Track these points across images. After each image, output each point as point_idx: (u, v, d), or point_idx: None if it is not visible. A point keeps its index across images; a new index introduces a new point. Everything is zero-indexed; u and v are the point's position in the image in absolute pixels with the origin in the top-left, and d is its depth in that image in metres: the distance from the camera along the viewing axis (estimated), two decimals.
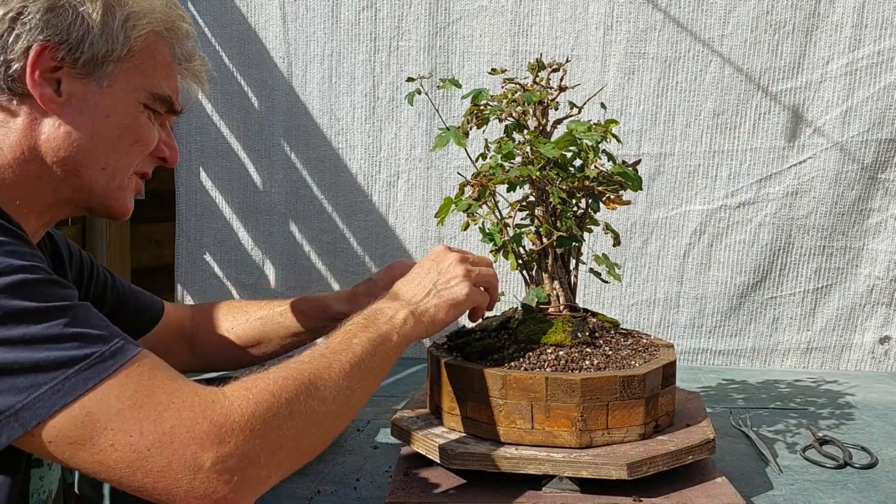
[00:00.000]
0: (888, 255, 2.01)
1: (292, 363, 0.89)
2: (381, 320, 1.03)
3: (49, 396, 0.72)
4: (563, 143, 1.17)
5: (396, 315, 1.05)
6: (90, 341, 0.75)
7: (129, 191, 1.01)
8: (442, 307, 1.10)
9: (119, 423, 0.73)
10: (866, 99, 1.97)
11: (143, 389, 0.76)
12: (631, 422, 1.10)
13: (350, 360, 0.94)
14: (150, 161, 1.04)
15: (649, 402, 1.12)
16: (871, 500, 1.14)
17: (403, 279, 1.16)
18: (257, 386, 0.83)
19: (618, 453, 1.06)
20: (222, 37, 2.17)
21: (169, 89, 1.01)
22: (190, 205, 2.21)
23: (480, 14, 2.09)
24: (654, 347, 1.23)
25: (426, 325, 1.08)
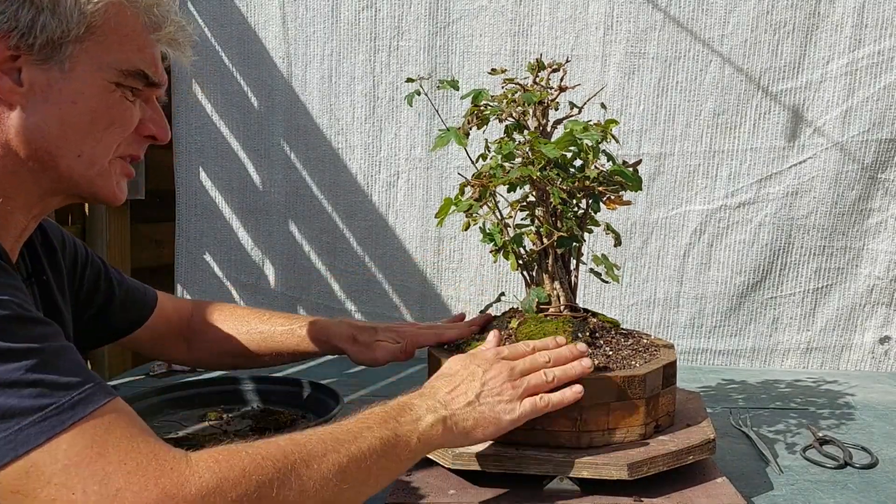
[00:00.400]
0: (888, 255, 2.01)
1: (282, 440, 0.82)
2: (405, 419, 0.93)
3: (2, 446, 0.68)
4: (564, 144, 1.17)
5: (424, 417, 0.94)
6: (51, 389, 0.71)
7: (115, 175, 0.96)
8: (482, 423, 0.98)
9: (63, 478, 0.69)
10: (866, 99, 1.97)
11: (96, 446, 0.71)
12: (631, 422, 1.10)
13: (351, 454, 0.84)
14: (137, 141, 0.98)
15: (650, 402, 1.12)
16: (872, 500, 1.14)
17: (443, 376, 1.03)
18: (230, 460, 0.76)
19: (618, 453, 1.06)
20: (222, 37, 2.16)
21: (143, 62, 0.93)
22: (190, 205, 2.21)
23: (480, 14, 2.08)
24: (655, 347, 1.23)
25: (457, 435, 0.97)
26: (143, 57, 0.93)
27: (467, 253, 2.14)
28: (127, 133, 0.95)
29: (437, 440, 0.95)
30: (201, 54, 2.16)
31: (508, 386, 1.01)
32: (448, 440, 0.96)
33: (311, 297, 2.20)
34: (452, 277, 2.15)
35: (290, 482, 0.78)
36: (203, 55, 2.16)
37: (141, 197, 2.12)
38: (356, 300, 2.18)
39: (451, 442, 0.97)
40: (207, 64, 2.17)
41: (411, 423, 0.92)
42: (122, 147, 0.95)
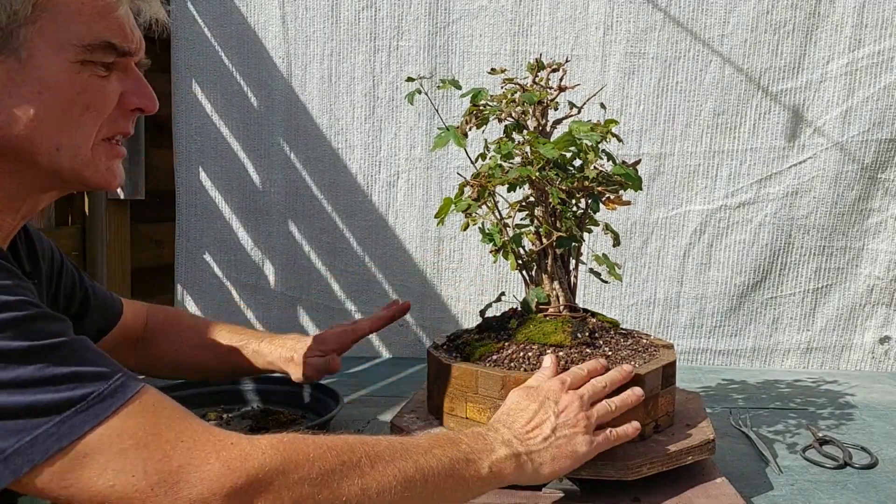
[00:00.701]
0: (888, 255, 2.01)
1: (350, 438, 0.80)
2: (479, 446, 0.89)
3: (43, 440, 0.67)
4: (563, 144, 1.17)
5: (498, 449, 0.90)
6: (87, 380, 0.70)
7: (104, 160, 0.88)
8: (558, 458, 0.95)
9: (120, 462, 0.68)
10: (866, 99, 1.97)
11: (148, 427, 0.71)
12: (630, 422, 1.10)
13: (419, 465, 0.81)
14: (122, 117, 0.89)
15: (649, 402, 1.12)
16: (871, 500, 1.14)
17: (516, 411, 0.98)
18: (294, 443, 0.75)
19: (616, 453, 1.06)
20: (222, 37, 2.16)
21: (107, 31, 0.83)
22: (190, 205, 2.21)
23: (480, 14, 2.08)
24: (654, 348, 1.23)
25: (529, 473, 0.93)
26: (106, 24, 0.83)
27: (467, 253, 2.14)
28: (106, 114, 0.86)
29: (508, 474, 0.91)
30: (201, 54, 2.16)
31: (582, 417, 0.99)
32: (521, 476, 0.93)
33: (310, 297, 2.20)
34: (452, 277, 2.15)
35: (353, 477, 0.76)
36: (203, 55, 2.16)
37: (141, 197, 2.12)
38: (356, 300, 2.18)
39: (525, 478, 0.93)
40: (207, 64, 2.16)
41: (484, 452, 0.89)
42: (104, 129, 0.87)
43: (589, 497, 1.06)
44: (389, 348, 2.17)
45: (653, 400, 1.13)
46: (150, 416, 0.72)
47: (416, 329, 2.16)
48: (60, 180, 0.87)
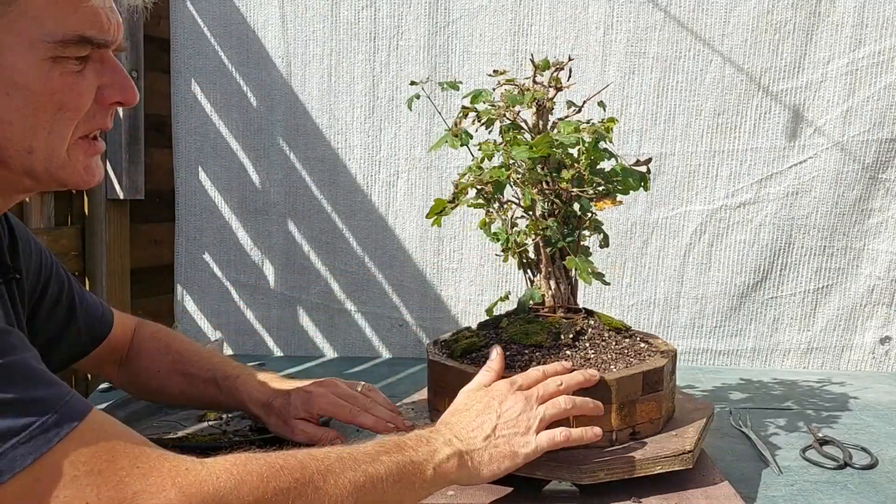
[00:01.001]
0: (889, 256, 2.01)
1: (300, 454, 0.80)
2: (422, 449, 0.90)
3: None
4: (542, 146, 1.16)
5: (441, 450, 0.92)
6: (30, 408, 0.66)
7: (82, 158, 0.84)
8: (497, 458, 0.96)
9: (72, 490, 0.66)
10: (867, 99, 1.96)
11: (101, 453, 0.68)
12: (600, 426, 1.08)
13: (368, 474, 0.82)
14: (100, 113, 0.84)
15: (625, 407, 1.10)
16: (871, 500, 1.14)
17: (459, 411, 1.00)
18: (247, 465, 0.74)
19: (578, 457, 1.05)
20: (222, 37, 2.16)
21: (82, 23, 0.77)
22: (189, 205, 2.21)
23: (480, 14, 2.08)
24: (650, 353, 1.21)
25: (472, 471, 0.94)
26: (80, 16, 0.77)
27: (467, 253, 2.13)
28: (82, 113, 0.81)
29: (452, 474, 0.92)
30: (201, 54, 2.16)
31: (524, 418, 0.99)
32: (463, 476, 0.94)
33: (310, 297, 2.20)
34: (452, 277, 2.15)
35: (307, 494, 0.77)
36: (203, 55, 2.16)
37: (141, 197, 2.12)
38: (356, 300, 2.18)
39: (466, 477, 0.94)
40: (207, 64, 2.16)
41: (428, 454, 0.90)
42: (81, 127, 0.82)
43: (589, 497, 1.06)
44: (389, 348, 2.17)
45: (629, 406, 1.11)
46: (101, 442, 0.69)
47: (415, 329, 2.16)
48: (35, 181, 0.83)
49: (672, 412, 1.22)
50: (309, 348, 2.17)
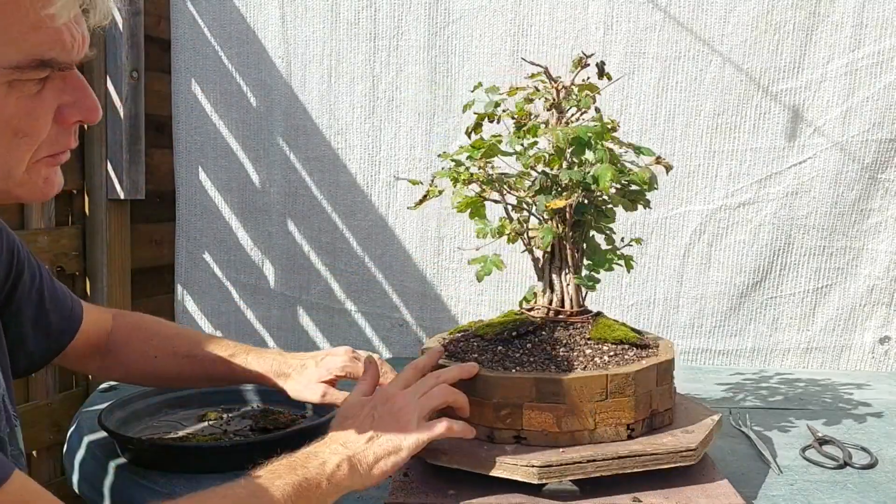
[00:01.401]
0: (888, 255, 2.01)
1: (204, 495, 0.82)
2: (312, 464, 0.93)
3: None
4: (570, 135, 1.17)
5: (329, 460, 0.94)
6: None
7: (42, 173, 0.80)
8: (382, 456, 0.98)
9: None
10: (866, 99, 1.97)
11: None
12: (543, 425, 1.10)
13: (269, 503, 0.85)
14: (63, 133, 0.80)
15: (502, 408, 1.11)
16: (871, 500, 1.14)
17: (341, 419, 1.03)
18: None
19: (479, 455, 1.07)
20: (221, 37, 2.16)
21: (41, 45, 0.72)
22: (190, 205, 2.21)
23: (480, 14, 2.08)
24: (619, 356, 1.17)
25: (362, 473, 0.96)
26: (40, 38, 0.71)
27: (467, 253, 2.13)
28: (41, 137, 0.77)
29: (345, 481, 0.94)
30: (201, 54, 2.16)
31: (404, 413, 1.02)
32: (356, 480, 0.96)
33: (310, 297, 2.20)
34: (452, 277, 2.15)
35: None
36: (202, 55, 2.16)
37: (141, 197, 2.12)
38: (356, 300, 2.18)
39: (359, 480, 0.96)
40: (207, 64, 2.16)
41: (318, 468, 0.93)
42: (43, 149, 0.79)
43: (589, 497, 1.06)
44: (389, 348, 2.18)
45: (515, 411, 1.10)
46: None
47: (415, 329, 2.17)
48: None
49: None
50: (309, 348, 2.18)
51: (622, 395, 1.11)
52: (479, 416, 1.12)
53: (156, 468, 1.24)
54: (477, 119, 1.26)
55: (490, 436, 1.12)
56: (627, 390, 1.11)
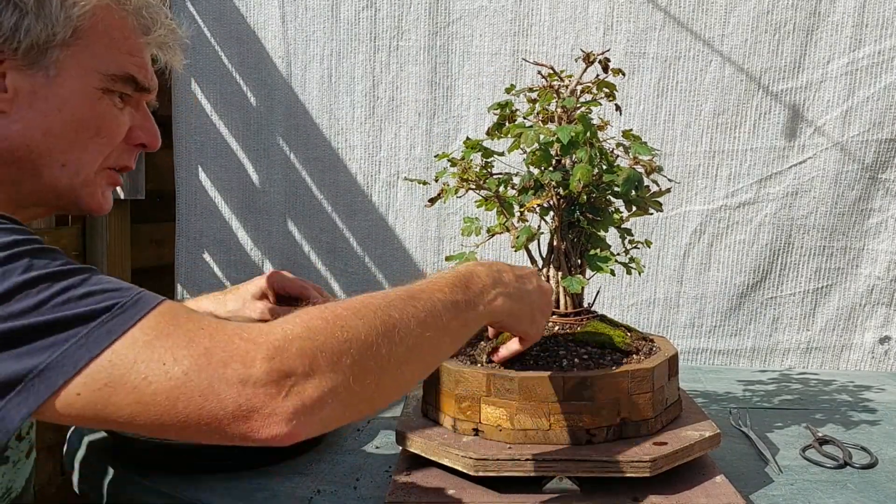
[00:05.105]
0: (888, 256, 2.01)
1: (358, 297, 0.82)
2: (474, 287, 0.93)
3: (73, 352, 0.67)
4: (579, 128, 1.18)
5: (490, 290, 0.95)
6: (109, 295, 0.71)
7: (101, 186, 0.93)
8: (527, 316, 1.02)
9: (148, 353, 0.68)
10: (867, 99, 1.97)
11: (169, 321, 0.71)
12: (498, 420, 1.11)
13: (427, 309, 0.84)
14: (127, 151, 0.94)
15: (464, 400, 1.13)
16: (871, 499, 1.14)
17: (508, 263, 1.05)
18: (307, 312, 0.77)
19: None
20: (221, 36, 2.16)
21: (132, 66, 0.90)
22: (190, 205, 2.21)
23: (480, 14, 2.08)
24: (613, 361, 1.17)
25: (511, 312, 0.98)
26: (132, 61, 0.90)
27: None
28: (115, 143, 0.91)
29: (498, 312, 0.96)
30: (201, 54, 2.16)
31: (547, 308, 1.08)
32: (505, 312, 0.97)
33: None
34: None
35: (372, 324, 0.78)
36: (202, 55, 2.16)
37: (141, 197, 2.12)
38: None
39: (509, 313, 0.98)
40: (207, 64, 2.16)
41: (478, 294, 0.93)
42: (111, 158, 0.92)
43: (589, 497, 1.06)
44: None
45: (474, 405, 1.12)
46: (168, 315, 0.72)
47: None
48: (55, 196, 0.90)
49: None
50: None
51: (579, 398, 1.09)
52: (446, 407, 1.16)
53: (156, 468, 1.24)
54: (498, 119, 1.27)
55: (454, 426, 1.14)
56: (585, 394, 1.09)
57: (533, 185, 1.21)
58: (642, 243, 1.31)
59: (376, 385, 0.77)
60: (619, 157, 1.24)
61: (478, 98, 2.10)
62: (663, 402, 1.17)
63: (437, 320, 0.85)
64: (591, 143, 1.18)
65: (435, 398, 1.18)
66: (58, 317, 0.68)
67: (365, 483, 1.20)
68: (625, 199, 1.23)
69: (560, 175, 1.17)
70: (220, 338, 0.71)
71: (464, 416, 1.13)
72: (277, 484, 1.20)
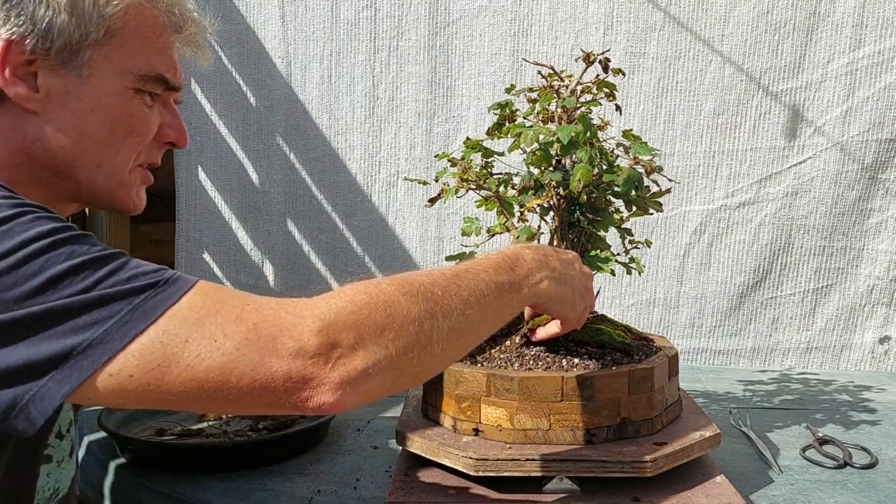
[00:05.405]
0: (888, 256, 2.01)
1: (403, 274, 0.83)
2: (519, 270, 0.94)
3: (118, 328, 0.68)
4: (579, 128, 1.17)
5: (535, 273, 0.96)
6: (150, 273, 0.72)
7: (134, 185, 0.94)
8: (569, 300, 1.02)
9: (199, 331, 0.70)
10: (867, 99, 1.97)
11: (214, 299, 0.72)
12: (498, 420, 1.11)
13: (471, 288, 0.85)
14: (155, 148, 0.95)
15: (464, 400, 1.13)
16: (871, 499, 1.14)
17: (552, 246, 1.07)
18: (352, 287, 0.78)
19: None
20: (221, 36, 2.16)
21: (163, 65, 0.90)
22: (190, 205, 2.21)
23: (480, 14, 2.08)
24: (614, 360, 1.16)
25: (553, 295, 0.99)
26: (162, 60, 0.90)
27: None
28: (146, 141, 0.92)
29: (543, 295, 0.97)
30: None
31: (588, 294, 1.08)
32: (549, 295, 0.98)
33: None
34: None
35: (416, 302, 0.79)
36: None
37: None
38: None
39: (552, 296, 0.99)
40: None
41: (524, 277, 0.94)
42: (142, 155, 0.93)
43: (589, 497, 1.06)
44: None
45: (474, 405, 1.12)
46: (211, 292, 0.73)
47: None
48: (91, 196, 0.90)
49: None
50: None
51: (579, 398, 1.09)
52: (446, 407, 1.15)
53: (156, 468, 1.24)
54: (498, 119, 1.27)
55: (454, 426, 1.14)
56: (585, 394, 1.09)
57: (533, 185, 1.21)
58: (642, 243, 1.30)
59: (418, 360, 0.78)
60: (619, 157, 1.24)
61: (478, 98, 2.10)
62: (663, 402, 1.17)
63: (480, 300, 0.85)
64: (591, 143, 1.18)
65: (435, 398, 1.18)
66: (102, 294, 0.69)
67: (365, 483, 1.20)
68: (625, 199, 1.22)
69: (560, 175, 1.17)
70: (267, 312, 0.72)
71: (464, 416, 1.13)
72: (277, 484, 1.20)
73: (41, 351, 0.67)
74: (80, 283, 0.69)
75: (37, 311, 0.67)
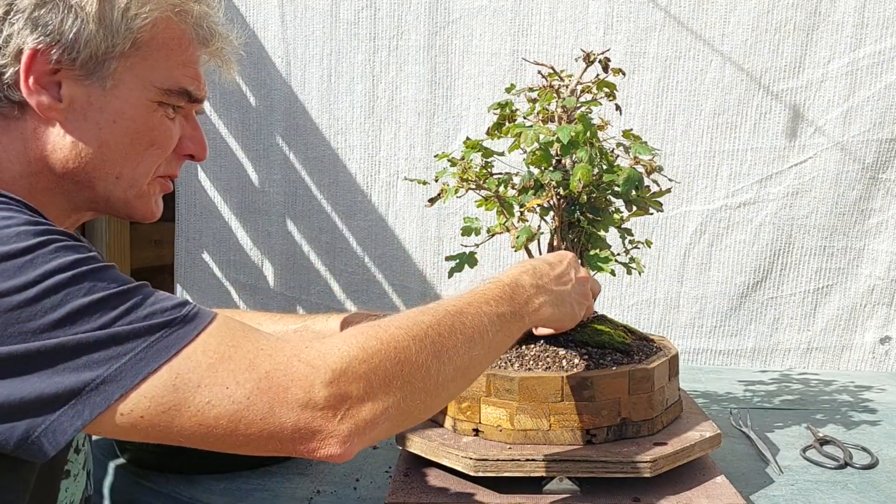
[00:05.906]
0: (889, 256, 2.01)
1: (410, 313, 0.84)
2: (518, 299, 0.96)
3: (132, 366, 0.68)
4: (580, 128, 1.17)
5: (534, 300, 0.99)
6: (167, 309, 0.72)
7: (153, 196, 0.93)
8: (569, 316, 1.06)
9: (211, 376, 0.70)
10: (867, 98, 1.96)
11: (227, 342, 0.72)
12: (498, 421, 1.11)
13: (475, 325, 0.87)
14: (175, 160, 0.94)
15: (464, 401, 1.13)
16: (872, 500, 1.14)
17: (548, 263, 1.07)
18: (363, 332, 0.78)
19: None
20: None
21: (187, 79, 0.89)
22: (189, 205, 2.21)
23: (480, 14, 2.08)
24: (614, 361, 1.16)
25: (552, 317, 1.03)
26: (187, 73, 0.89)
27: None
28: (167, 154, 0.91)
29: (542, 320, 1.01)
30: None
31: (585, 297, 1.11)
32: (548, 319, 1.02)
33: (310, 297, 2.20)
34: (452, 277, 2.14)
35: (425, 347, 0.80)
36: None
37: None
38: (356, 300, 2.18)
39: (550, 318, 1.02)
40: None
41: (523, 304, 0.97)
42: (161, 167, 0.92)
43: (589, 497, 1.06)
44: None
45: (474, 405, 1.13)
46: (226, 333, 0.74)
47: None
48: (108, 206, 0.90)
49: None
50: None
51: (579, 398, 1.09)
52: (446, 407, 1.15)
53: (156, 468, 1.24)
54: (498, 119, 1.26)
55: (454, 426, 1.14)
56: (585, 394, 1.09)
57: (533, 185, 1.20)
58: (642, 243, 1.30)
59: (423, 404, 0.80)
60: (619, 156, 1.24)
61: (478, 98, 2.10)
62: (663, 402, 1.17)
63: (483, 336, 0.87)
64: (591, 143, 1.18)
65: None
66: (118, 331, 0.69)
67: (365, 483, 1.20)
68: (625, 199, 1.22)
69: (560, 175, 1.17)
70: (279, 359, 0.73)
71: (464, 417, 1.13)
72: (277, 484, 1.19)
73: (55, 384, 0.67)
74: (99, 319, 0.69)
75: (53, 344, 0.67)
